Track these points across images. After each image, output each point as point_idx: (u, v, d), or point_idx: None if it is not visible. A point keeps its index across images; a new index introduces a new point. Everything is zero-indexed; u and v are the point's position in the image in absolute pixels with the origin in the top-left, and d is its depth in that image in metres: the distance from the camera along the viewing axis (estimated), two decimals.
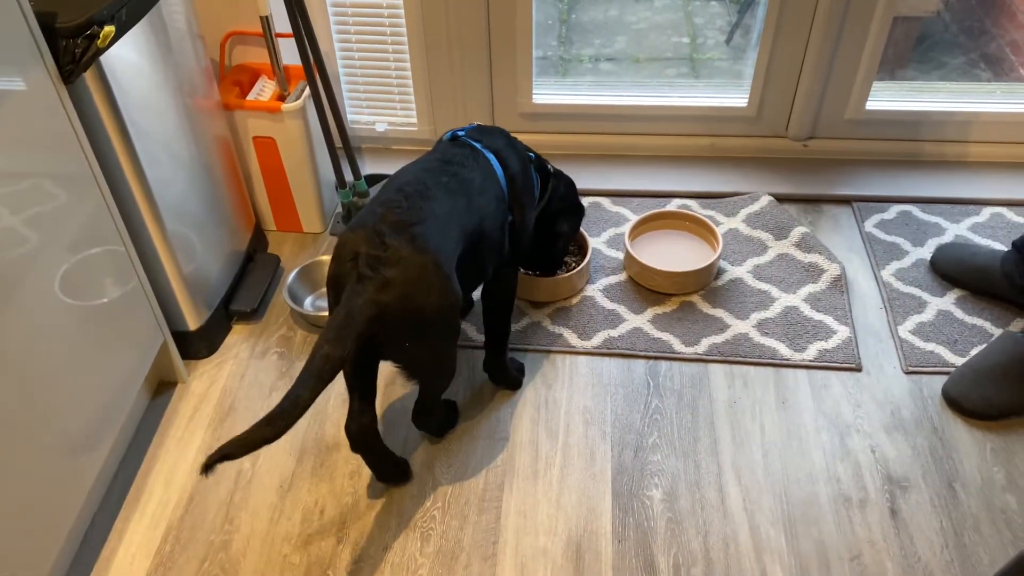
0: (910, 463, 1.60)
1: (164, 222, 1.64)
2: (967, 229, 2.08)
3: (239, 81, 2.00)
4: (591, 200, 2.20)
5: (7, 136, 1.25)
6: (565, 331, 1.87)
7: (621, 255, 2.05)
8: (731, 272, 1.99)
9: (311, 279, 1.99)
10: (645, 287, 1.96)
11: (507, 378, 1.75)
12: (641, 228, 2.07)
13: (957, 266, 1.92)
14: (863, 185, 2.21)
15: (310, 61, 1.86)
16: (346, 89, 2.28)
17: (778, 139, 2.30)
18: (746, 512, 1.54)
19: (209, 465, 1.20)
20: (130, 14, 1.44)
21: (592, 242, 2.04)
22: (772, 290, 1.94)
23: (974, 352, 1.76)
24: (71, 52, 1.33)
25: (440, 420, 1.67)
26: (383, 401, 1.74)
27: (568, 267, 1.96)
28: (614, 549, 1.49)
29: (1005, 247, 1.95)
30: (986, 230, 2.07)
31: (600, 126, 2.33)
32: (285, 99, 1.97)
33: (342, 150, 2.05)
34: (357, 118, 2.34)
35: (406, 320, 1.32)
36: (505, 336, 1.72)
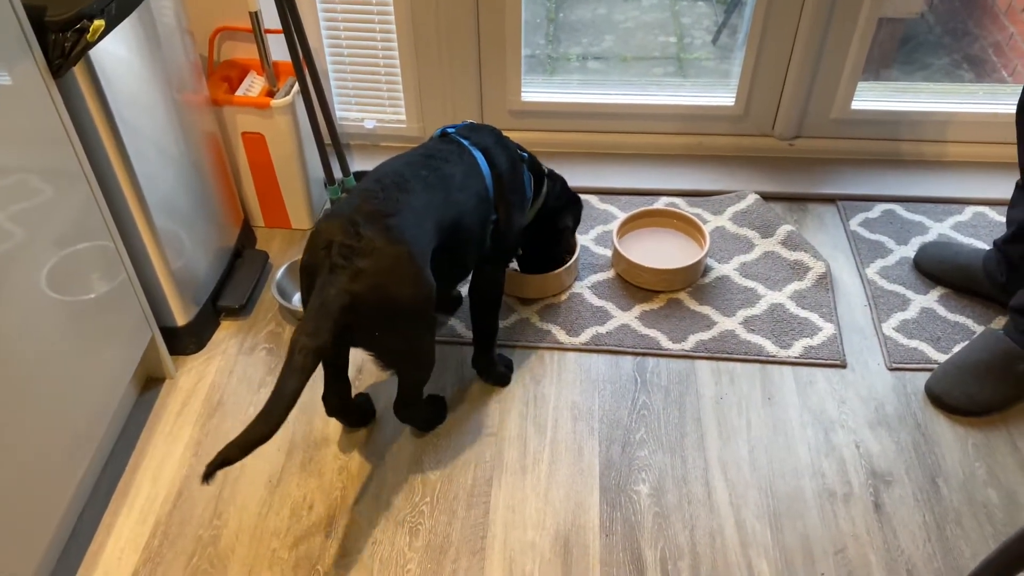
0: (894, 458, 1.62)
1: (152, 217, 1.63)
2: (950, 228, 2.11)
3: (228, 77, 2.00)
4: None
5: None
6: (553, 328, 1.88)
7: (609, 252, 2.06)
8: (718, 270, 2.01)
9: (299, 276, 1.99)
10: (633, 284, 1.98)
11: (495, 374, 1.76)
12: (629, 226, 2.08)
13: (940, 264, 1.94)
14: (848, 184, 2.23)
15: (299, 57, 1.85)
16: (335, 86, 2.28)
17: (764, 138, 2.32)
18: (732, 506, 1.55)
19: (209, 473, 1.22)
20: (119, 9, 1.44)
21: (580, 239, 2.05)
22: (758, 287, 1.96)
23: (957, 349, 1.78)
24: (60, 46, 1.32)
25: (422, 413, 1.68)
26: (382, 401, 1.74)
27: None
28: (602, 543, 1.50)
29: (987, 246, 1.97)
30: (968, 229, 2.10)
31: (588, 124, 2.34)
32: (274, 95, 1.96)
33: (331, 147, 2.05)
34: (346, 115, 2.34)
35: (378, 310, 1.33)
36: (492, 333, 1.73)
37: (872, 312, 1.90)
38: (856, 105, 2.23)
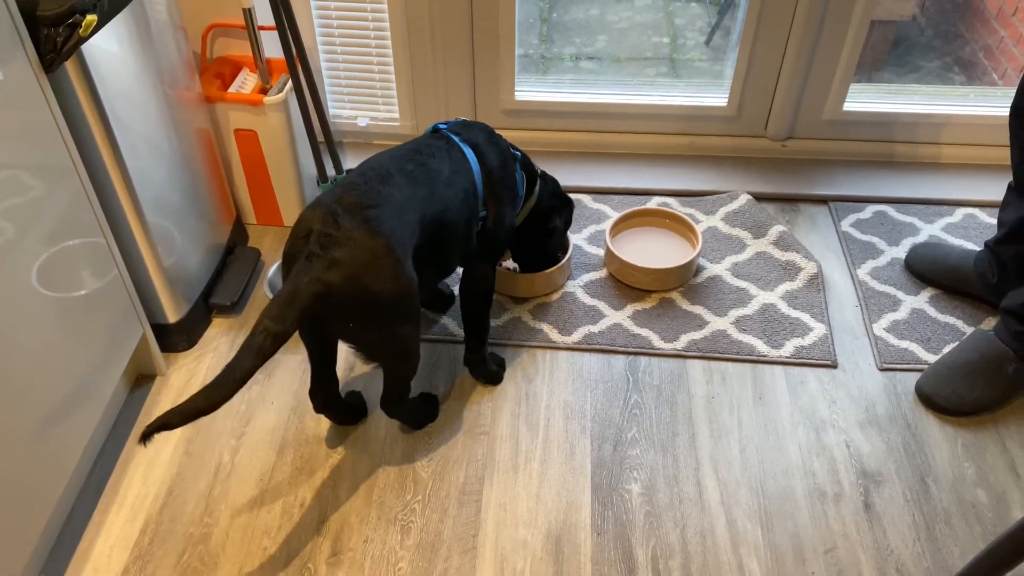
0: (884, 458, 1.63)
1: (144, 214, 1.63)
2: (941, 229, 2.12)
3: (221, 73, 1.99)
4: (572, 197, 2.20)
5: None
6: (546, 326, 1.89)
7: (602, 252, 2.06)
8: (710, 269, 2.01)
9: None
10: (625, 284, 1.98)
11: (487, 373, 1.76)
12: (621, 225, 2.08)
13: (931, 265, 1.95)
14: (840, 185, 2.24)
15: (293, 54, 1.85)
16: (328, 83, 2.28)
17: (757, 139, 2.33)
18: (723, 505, 1.56)
19: (147, 434, 1.23)
20: (112, 3, 1.43)
21: (573, 239, 2.05)
22: (750, 288, 1.97)
23: (947, 349, 1.79)
24: (52, 41, 1.32)
25: (411, 409, 1.68)
26: (375, 399, 1.74)
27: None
28: (593, 542, 1.50)
29: (978, 247, 1.98)
30: (959, 230, 2.11)
31: (582, 123, 2.34)
32: (267, 92, 1.96)
33: (324, 144, 2.05)
34: (339, 112, 2.34)
35: (352, 301, 1.33)
36: (484, 331, 1.73)
37: (863, 312, 1.91)
38: (848, 107, 2.24)
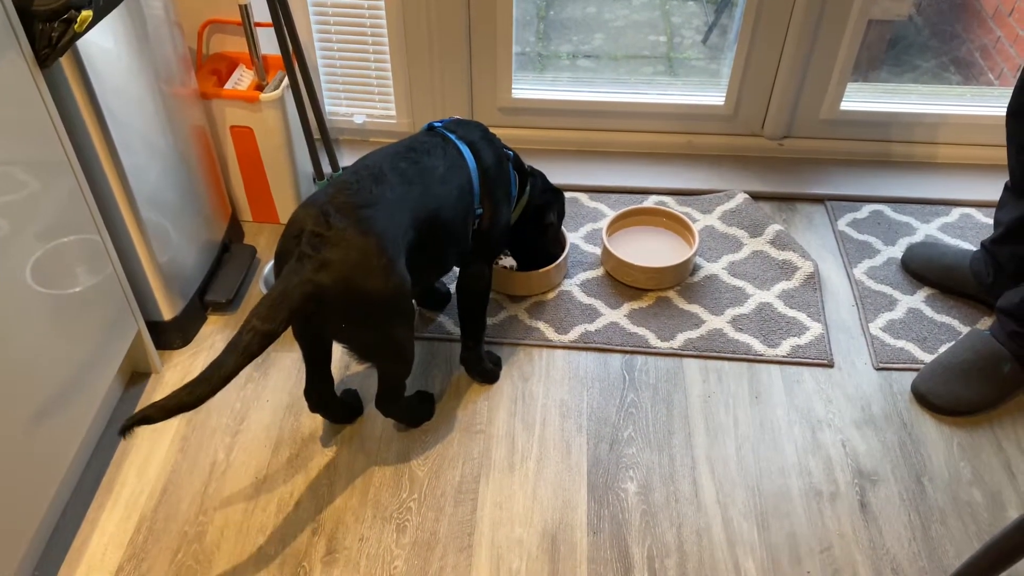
0: (880, 457, 1.63)
1: (139, 211, 1.62)
2: (937, 229, 2.12)
3: (217, 70, 1.99)
4: (569, 196, 2.20)
5: None
6: (542, 325, 1.88)
7: (598, 250, 2.06)
8: (707, 268, 2.01)
9: None
10: (622, 282, 1.98)
11: (483, 371, 1.76)
12: (618, 224, 2.08)
13: (927, 265, 1.96)
14: (836, 184, 2.24)
15: (289, 51, 1.84)
16: (325, 80, 2.27)
17: (754, 138, 2.33)
18: (719, 504, 1.56)
19: (127, 427, 1.22)
20: None
21: (570, 237, 2.05)
22: (747, 287, 1.97)
23: (943, 349, 1.79)
24: (47, 36, 1.31)
25: (407, 409, 1.67)
26: (370, 398, 1.74)
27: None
28: (589, 541, 1.50)
29: (974, 247, 1.99)
30: (955, 230, 2.11)
31: (579, 122, 2.34)
32: (263, 89, 1.95)
33: (320, 141, 2.04)
34: (336, 110, 2.33)
35: (344, 302, 1.32)
36: (480, 330, 1.73)
37: (859, 312, 1.91)
38: (845, 106, 2.24)
